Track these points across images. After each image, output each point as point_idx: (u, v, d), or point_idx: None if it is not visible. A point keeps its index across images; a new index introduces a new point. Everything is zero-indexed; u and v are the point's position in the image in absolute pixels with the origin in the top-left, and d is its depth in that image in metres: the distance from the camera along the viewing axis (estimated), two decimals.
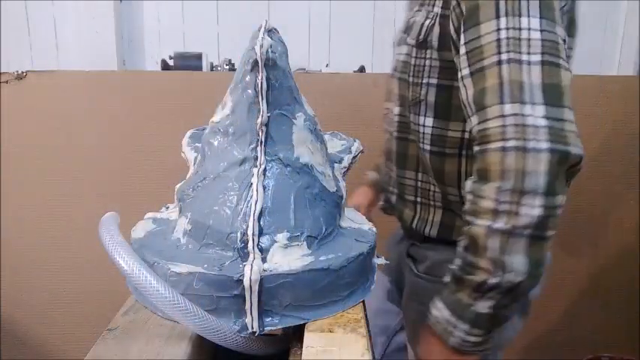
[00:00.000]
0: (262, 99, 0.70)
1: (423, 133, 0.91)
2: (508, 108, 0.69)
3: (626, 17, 1.77)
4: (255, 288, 0.63)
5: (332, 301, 0.69)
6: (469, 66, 0.74)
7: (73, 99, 1.69)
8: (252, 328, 0.64)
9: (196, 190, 0.75)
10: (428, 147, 0.91)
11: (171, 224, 0.79)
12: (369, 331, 0.67)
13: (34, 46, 1.73)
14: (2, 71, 1.67)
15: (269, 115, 0.71)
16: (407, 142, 0.97)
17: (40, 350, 1.82)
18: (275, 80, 0.71)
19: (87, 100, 1.70)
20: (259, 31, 0.71)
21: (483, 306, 0.73)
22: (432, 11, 0.84)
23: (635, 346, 1.86)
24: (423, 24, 0.86)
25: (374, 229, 0.81)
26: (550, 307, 1.87)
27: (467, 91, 0.75)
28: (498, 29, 0.71)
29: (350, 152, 0.90)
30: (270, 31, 0.72)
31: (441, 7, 0.82)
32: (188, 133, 0.92)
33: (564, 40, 0.72)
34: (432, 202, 0.96)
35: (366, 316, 0.71)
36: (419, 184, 0.97)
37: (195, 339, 0.64)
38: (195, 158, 0.81)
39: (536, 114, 0.68)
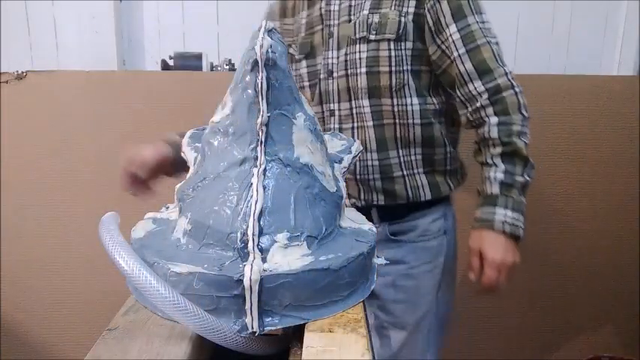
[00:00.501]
0: (262, 99, 0.70)
1: (412, 111, 1.10)
2: (506, 68, 1.05)
3: (626, 17, 1.77)
4: (255, 288, 0.63)
5: (332, 301, 0.69)
6: (465, 45, 1.04)
7: (73, 99, 1.69)
8: (253, 328, 0.64)
9: (196, 190, 0.75)
10: (418, 121, 1.11)
11: (171, 224, 0.79)
12: (369, 331, 0.67)
13: (34, 46, 1.73)
14: (2, 71, 1.67)
15: (269, 115, 0.71)
16: (383, 127, 1.12)
17: (40, 350, 1.82)
18: (275, 80, 0.71)
19: (87, 100, 1.70)
20: (259, 31, 0.71)
21: (524, 198, 1.05)
22: (403, 11, 1.05)
23: (635, 346, 1.86)
24: (399, 22, 1.05)
25: (374, 229, 0.81)
26: (550, 307, 1.87)
27: (464, 64, 1.04)
28: (477, 21, 1.04)
29: (350, 152, 0.91)
30: (270, 31, 0.72)
31: (415, 7, 1.05)
32: (188, 133, 0.92)
33: None
34: (416, 170, 1.15)
35: (366, 316, 0.71)
36: (402, 158, 1.13)
37: (196, 339, 0.64)
38: (195, 158, 0.81)
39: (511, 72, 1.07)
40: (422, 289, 1.17)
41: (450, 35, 1.04)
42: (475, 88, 1.05)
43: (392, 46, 1.05)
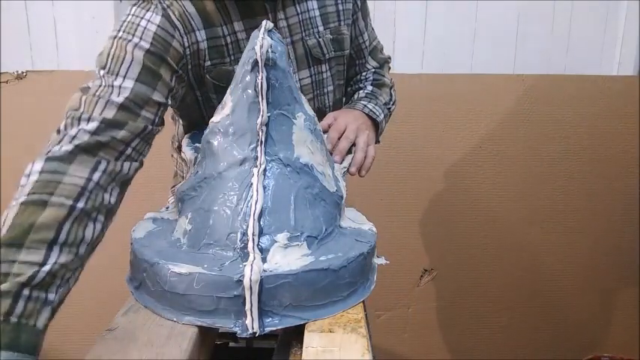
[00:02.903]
0: (262, 99, 0.70)
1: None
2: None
3: (626, 17, 1.76)
4: (255, 288, 0.63)
5: (332, 301, 0.69)
6: (369, 47, 1.14)
7: None
8: (253, 328, 0.64)
9: (196, 190, 0.75)
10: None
11: (171, 224, 0.79)
12: (369, 331, 0.67)
13: (34, 46, 1.73)
14: (2, 71, 1.67)
15: (269, 115, 0.71)
16: None
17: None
18: (275, 80, 0.71)
19: None
20: (259, 31, 0.71)
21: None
22: (348, 23, 1.06)
23: (635, 346, 1.86)
24: (349, 36, 1.07)
25: (374, 229, 0.81)
26: (549, 307, 1.87)
27: (370, 63, 1.14)
28: (370, 23, 1.12)
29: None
30: (270, 31, 0.72)
31: (350, 19, 1.06)
32: (188, 134, 0.92)
33: None
34: None
35: (366, 316, 0.71)
36: None
37: (195, 339, 0.64)
38: (196, 158, 0.81)
39: None
40: None
41: (364, 41, 1.10)
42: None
43: (344, 60, 1.05)
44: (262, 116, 0.70)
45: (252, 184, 0.69)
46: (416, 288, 1.85)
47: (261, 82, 0.70)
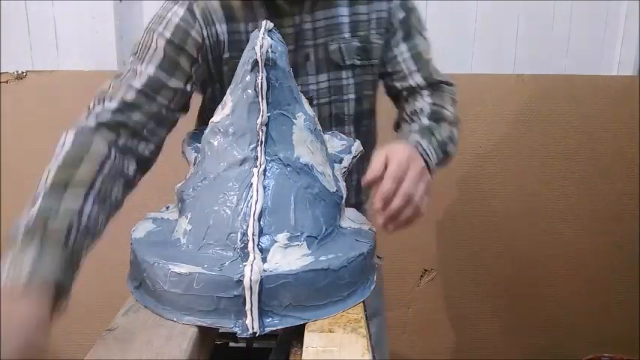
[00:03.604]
0: (262, 99, 0.70)
1: (374, 127, 1.12)
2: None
3: (626, 17, 1.76)
4: (256, 288, 0.63)
5: (332, 302, 0.69)
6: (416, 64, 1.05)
7: (73, 99, 1.69)
8: (253, 328, 0.64)
9: (196, 190, 0.75)
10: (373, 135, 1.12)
11: (171, 224, 0.79)
12: (369, 331, 0.67)
13: (34, 46, 1.73)
14: (2, 71, 1.67)
15: (269, 115, 0.71)
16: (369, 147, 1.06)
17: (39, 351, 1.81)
18: (275, 80, 0.71)
19: (87, 100, 1.69)
20: (259, 31, 0.71)
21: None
22: (380, 31, 1.01)
23: (635, 346, 1.86)
24: (381, 45, 1.01)
25: (374, 229, 0.81)
26: (549, 307, 1.87)
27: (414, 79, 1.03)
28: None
29: (350, 152, 0.91)
30: (270, 31, 0.72)
31: (383, 29, 1.01)
32: (189, 133, 0.93)
33: None
34: None
35: (366, 316, 0.71)
36: None
37: (195, 339, 0.65)
38: (196, 158, 0.81)
39: None
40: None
41: (400, 54, 1.01)
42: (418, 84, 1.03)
43: (375, 70, 1.01)
44: (262, 116, 0.70)
45: (252, 184, 0.69)
46: (416, 288, 1.85)
47: (261, 82, 0.70)
